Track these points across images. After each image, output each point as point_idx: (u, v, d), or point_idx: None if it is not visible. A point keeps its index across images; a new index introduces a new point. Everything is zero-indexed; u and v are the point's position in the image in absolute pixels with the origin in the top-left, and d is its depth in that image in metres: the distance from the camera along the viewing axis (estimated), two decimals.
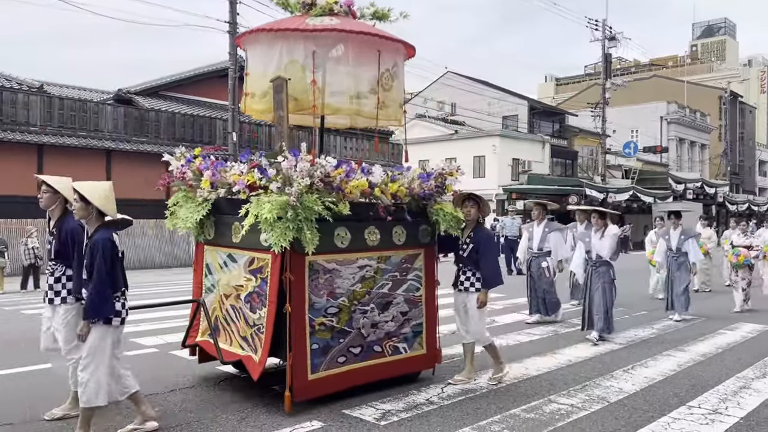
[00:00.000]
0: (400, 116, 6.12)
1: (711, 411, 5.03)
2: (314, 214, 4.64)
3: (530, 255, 9.43)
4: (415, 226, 5.56)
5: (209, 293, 5.56)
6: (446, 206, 5.61)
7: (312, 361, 4.86)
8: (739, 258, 10.59)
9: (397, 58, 5.93)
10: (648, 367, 6.48)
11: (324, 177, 4.73)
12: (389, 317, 5.40)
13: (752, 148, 65.23)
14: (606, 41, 37.08)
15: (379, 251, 5.31)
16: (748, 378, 6.07)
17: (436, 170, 5.65)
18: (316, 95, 5.45)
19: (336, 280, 5.03)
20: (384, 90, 5.71)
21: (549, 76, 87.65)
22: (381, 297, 5.34)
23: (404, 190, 5.28)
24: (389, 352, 5.41)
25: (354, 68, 5.63)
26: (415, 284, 5.62)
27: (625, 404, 5.20)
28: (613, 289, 7.80)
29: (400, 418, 4.77)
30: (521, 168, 36.94)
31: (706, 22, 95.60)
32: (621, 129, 44.62)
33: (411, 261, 5.58)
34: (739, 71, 73.57)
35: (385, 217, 5.09)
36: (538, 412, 4.97)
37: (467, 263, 5.71)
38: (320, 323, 4.92)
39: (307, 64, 5.45)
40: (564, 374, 6.19)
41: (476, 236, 5.68)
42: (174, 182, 5.46)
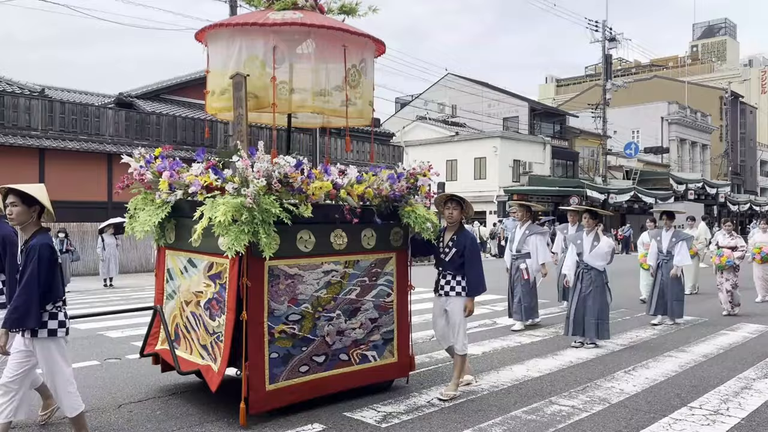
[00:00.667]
0: (370, 114, 5.91)
1: (712, 412, 5.03)
2: (272, 216, 4.42)
3: (511, 257, 9.19)
4: (386, 229, 5.36)
5: (170, 300, 5.35)
6: (419, 208, 5.38)
7: (271, 371, 4.64)
8: (722, 259, 10.29)
9: (365, 54, 5.68)
10: (649, 368, 6.48)
11: (283, 177, 4.53)
12: (357, 324, 5.17)
13: (753, 148, 65.16)
14: (606, 42, 37.13)
15: (347, 255, 5.08)
16: (750, 378, 6.07)
17: (407, 170, 5.42)
18: (277, 92, 5.23)
19: (299, 286, 4.79)
20: (351, 87, 5.48)
21: (549, 77, 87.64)
22: (348, 303, 5.11)
23: (371, 192, 5.09)
24: (357, 361, 5.18)
25: (318, 64, 5.38)
26: (386, 289, 5.38)
27: (626, 405, 5.20)
28: (607, 292, 7.52)
29: (401, 420, 4.77)
30: (522, 169, 36.94)
31: (707, 23, 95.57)
32: (622, 130, 44.62)
33: (381, 265, 5.34)
34: (739, 71, 73.53)
35: (351, 220, 4.87)
36: (539, 413, 4.97)
37: (449, 268, 5.43)
38: (281, 331, 4.70)
39: (267, 59, 5.22)
40: (565, 375, 6.19)
41: (459, 240, 5.41)
42: (133, 184, 5.22)
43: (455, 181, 35.98)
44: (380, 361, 5.35)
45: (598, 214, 7.71)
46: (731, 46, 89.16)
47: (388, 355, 5.41)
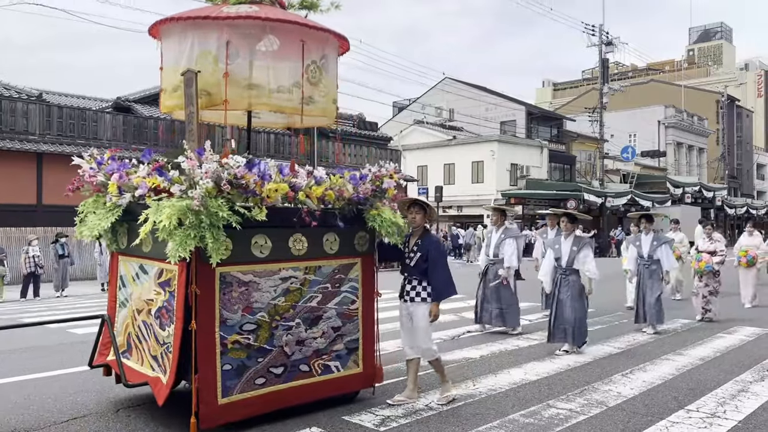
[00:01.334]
0: (334, 113, 5.70)
1: (709, 415, 5.05)
2: (221, 220, 4.18)
3: (487, 262, 8.97)
4: (351, 233, 5.13)
5: (123, 308, 5.13)
6: (385, 211, 5.15)
7: (223, 384, 4.39)
8: (701, 264, 9.90)
9: (326, 51, 5.45)
10: (646, 371, 6.50)
11: (234, 179, 4.31)
12: (318, 333, 4.92)
13: (750, 152, 65.39)
14: (603, 46, 37.26)
15: (307, 261, 4.84)
16: (747, 381, 6.09)
17: (372, 172, 5.20)
18: (232, 89, 5.00)
19: (254, 294, 4.55)
20: (310, 84, 5.24)
21: (546, 81, 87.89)
22: (309, 311, 4.87)
23: (332, 194, 4.85)
24: (318, 372, 4.93)
25: (273, 60, 5.14)
26: (351, 296, 5.14)
27: (623, 408, 5.21)
28: (584, 299, 7.38)
29: (399, 423, 4.78)
30: (519, 173, 37.02)
31: (703, 27, 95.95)
32: (619, 133, 44.76)
33: (345, 271, 5.11)
34: (736, 75, 73.81)
35: (310, 223, 4.64)
36: (536, 417, 4.98)
37: (414, 273, 5.29)
38: (234, 341, 4.45)
39: (220, 55, 4.99)
40: (563, 379, 6.20)
41: (424, 244, 5.28)
42: (83, 187, 4.98)
43: (453, 185, 36.05)
44: (344, 372, 5.10)
45: (577, 218, 7.54)
46: (727, 50, 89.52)
47: (353, 365, 5.17)
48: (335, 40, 5.56)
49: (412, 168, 35.62)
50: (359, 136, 29.78)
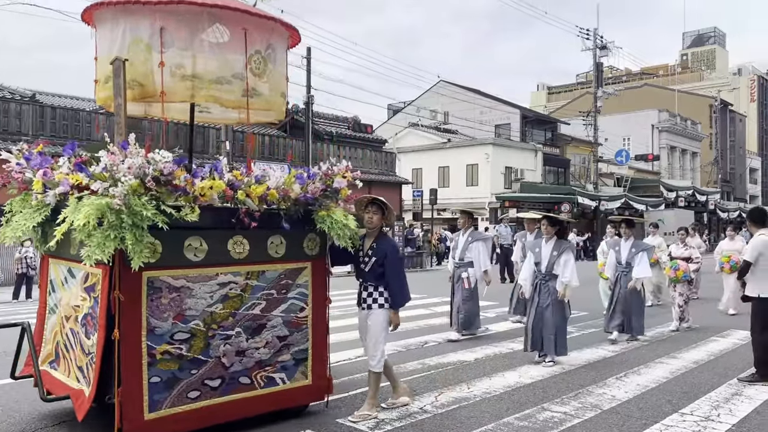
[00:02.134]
0: (282, 107, 5.45)
1: (703, 418, 5.05)
2: (145, 220, 3.86)
3: (454, 265, 8.80)
4: (299, 236, 4.80)
5: (52, 314, 4.82)
6: (336, 212, 4.82)
7: (150, 398, 4.06)
8: (678, 272, 9.37)
9: (272, 40, 5.15)
10: (641, 375, 6.50)
11: (160, 175, 3.99)
12: (261, 343, 4.59)
13: (743, 156, 65.74)
14: (597, 50, 37.42)
15: (249, 265, 4.51)
16: (740, 385, 6.10)
17: (322, 170, 4.88)
18: (166, 79, 4.67)
19: (187, 300, 4.22)
20: (254, 75, 4.94)
21: (541, 85, 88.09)
22: (251, 319, 4.54)
23: (275, 194, 4.54)
24: (261, 384, 4.61)
25: (212, 49, 4.84)
26: (299, 303, 4.81)
27: (618, 411, 5.21)
28: (566, 305, 7.06)
29: (393, 427, 4.76)
30: (514, 176, 37.08)
31: (696, 32, 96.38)
32: (613, 137, 44.92)
33: (293, 276, 4.77)
34: (729, 80, 74.18)
35: (249, 225, 4.34)
36: (531, 420, 4.97)
37: (369, 278, 4.99)
38: (164, 352, 4.13)
39: (153, 43, 4.67)
40: (557, 382, 6.20)
41: (379, 247, 4.97)
42: (10, 184, 4.63)
43: (447, 187, 36.07)
44: (290, 384, 4.77)
45: (558, 221, 7.25)
46: (720, 55, 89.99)
47: (301, 377, 4.83)
48: (284, 30, 5.26)
49: (406, 171, 35.62)
50: (354, 138, 29.77)
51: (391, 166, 30.15)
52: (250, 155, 21.75)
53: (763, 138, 73.68)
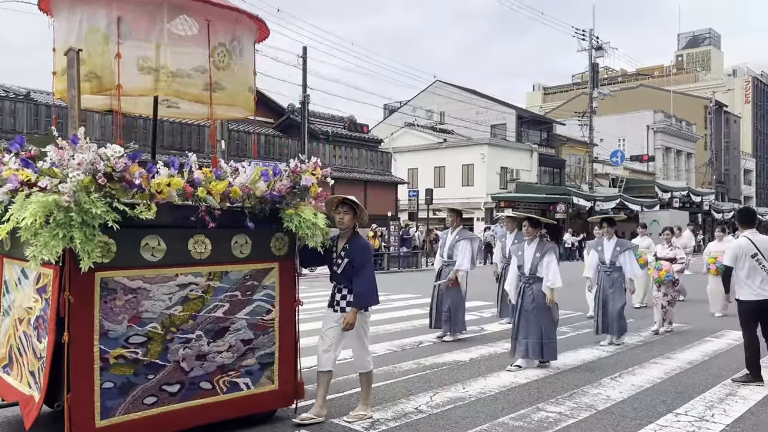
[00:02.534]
0: (250, 102, 5.25)
1: (698, 418, 5.07)
2: (96, 218, 3.67)
3: (441, 264, 8.68)
4: (266, 235, 4.61)
5: (6, 316, 4.60)
6: (305, 211, 4.63)
7: (103, 404, 3.86)
8: (661, 273, 9.21)
9: (237, 33, 4.97)
10: (635, 375, 6.52)
11: (113, 171, 3.78)
12: (224, 347, 4.40)
13: (737, 157, 66.02)
14: (593, 51, 37.51)
15: (211, 266, 4.32)
16: (734, 385, 6.11)
17: (290, 167, 4.68)
18: (124, 72, 4.47)
19: (143, 302, 4.03)
20: (218, 68, 4.77)
21: (537, 85, 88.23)
22: (213, 322, 4.34)
23: (238, 191, 4.35)
24: (224, 390, 4.42)
25: (172, 40, 4.64)
26: (265, 306, 4.61)
27: (612, 412, 5.22)
28: (554, 308, 6.76)
29: (388, 426, 4.76)
30: (509, 176, 37.14)
31: (692, 33, 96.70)
32: (608, 138, 45.04)
33: (259, 277, 4.57)
34: (724, 81, 74.47)
35: (208, 223, 4.13)
36: (526, 420, 4.98)
37: (343, 280, 4.85)
38: (118, 356, 3.94)
39: (110, 33, 4.45)
40: (552, 382, 6.21)
41: (352, 248, 4.82)
42: None
43: (443, 187, 36.10)
44: (255, 389, 4.58)
45: (540, 222, 7.04)
46: (715, 56, 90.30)
47: (266, 381, 4.64)
48: (251, 22, 5.11)
49: (402, 171, 35.63)
50: (350, 138, 29.76)
51: (386, 166, 30.14)
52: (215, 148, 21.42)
53: (757, 139, 74.04)
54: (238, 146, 24.07)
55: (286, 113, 29.02)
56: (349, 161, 28.16)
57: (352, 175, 27.77)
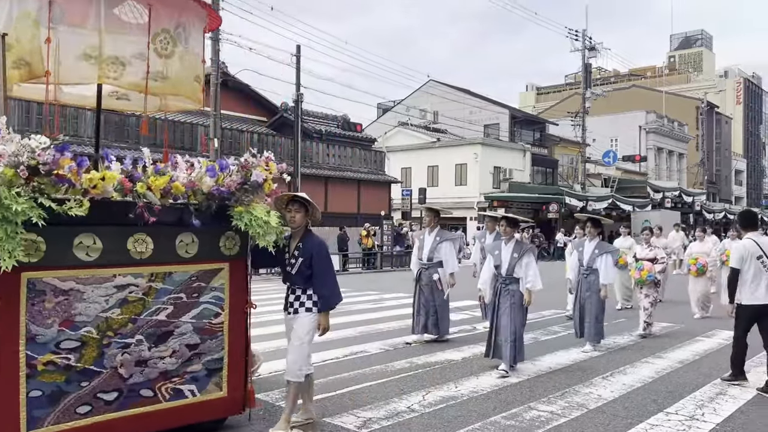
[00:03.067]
0: (197, 93, 4.98)
1: (688, 417, 5.10)
2: (19, 215, 3.42)
3: (420, 266, 8.33)
4: (215, 234, 4.36)
5: None
6: (256, 209, 4.39)
7: (29, 414, 3.61)
8: (642, 273, 8.95)
9: (182, 19, 4.72)
10: (626, 374, 6.55)
11: (40, 165, 3.51)
12: (167, 352, 4.14)
13: (728, 158, 66.43)
14: (586, 51, 37.62)
15: (153, 266, 4.05)
16: (724, 384, 6.15)
17: (239, 162, 4.44)
18: (55, 58, 4.23)
19: (76, 305, 3.77)
20: (160, 56, 4.53)
21: (530, 85, 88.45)
22: (155, 326, 4.08)
23: (180, 186, 4.10)
24: (167, 397, 4.17)
25: (109, 25, 4.36)
26: (213, 309, 4.36)
27: (603, 411, 5.25)
28: (523, 310, 6.68)
29: (381, 426, 4.77)
30: (502, 176, 37.22)
31: (684, 34, 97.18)
32: (601, 138, 45.21)
33: (207, 279, 4.32)
34: (715, 82, 74.89)
35: (147, 220, 3.91)
36: (518, 419, 4.99)
37: (297, 281, 4.63)
38: (47, 362, 3.67)
39: (41, 17, 4.22)
40: (544, 381, 6.23)
41: (306, 247, 4.61)
42: None
43: (436, 187, 36.14)
44: (202, 397, 4.33)
45: (517, 222, 6.88)
46: (707, 57, 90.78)
47: (214, 388, 4.39)
48: (200, 9, 4.92)
49: (395, 170, 35.64)
50: (343, 137, 29.74)
51: (380, 165, 30.14)
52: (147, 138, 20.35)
53: (748, 140, 74.54)
54: (231, 144, 24.01)
55: (279, 112, 28.98)
56: (342, 160, 28.14)
57: (345, 174, 27.76)
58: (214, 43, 20.02)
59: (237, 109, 27.62)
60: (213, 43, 20.06)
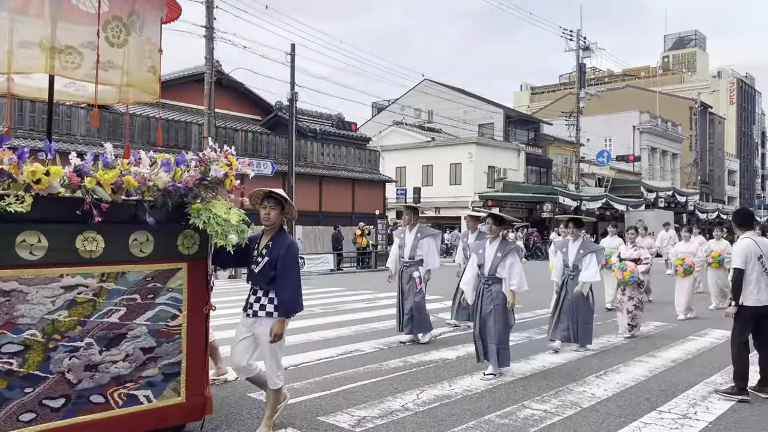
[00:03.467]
0: (153, 85, 4.78)
1: (681, 416, 5.12)
2: None
3: (401, 264, 8.21)
4: (172, 233, 4.15)
5: None
6: (216, 206, 4.17)
7: None
8: (625, 274, 8.71)
9: (137, 6, 4.54)
10: (620, 373, 6.57)
11: None
12: (120, 356, 3.94)
13: (721, 158, 66.76)
14: (580, 51, 37.68)
15: (104, 266, 3.85)
16: (717, 383, 6.18)
17: (198, 156, 4.23)
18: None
19: (19, 306, 3.59)
20: (111, 45, 4.33)
21: (524, 85, 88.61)
22: (106, 328, 3.88)
23: (132, 181, 3.88)
24: (119, 403, 3.95)
25: (55, 12, 4.18)
26: (170, 310, 4.15)
27: (597, 410, 5.26)
28: (510, 312, 6.38)
29: (375, 424, 4.77)
30: (497, 176, 37.29)
31: (678, 34, 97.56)
32: (595, 138, 45.37)
33: (163, 279, 4.12)
34: (709, 83, 75.21)
35: (94, 217, 3.70)
36: (512, 417, 5.00)
37: (260, 281, 4.39)
38: None
39: None
40: (538, 380, 6.25)
41: (275, 247, 4.36)
42: None
43: (431, 186, 36.19)
44: (158, 403, 4.12)
45: (504, 220, 6.63)
46: (701, 58, 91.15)
47: (171, 394, 4.18)
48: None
49: (390, 169, 35.64)
50: (338, 136, 29.72)
51: (374, 164, 30.13)
52: (95, 129, 19.65)
53: (741, 140, 74.91)
54: (225, 143, 23.90)
55: (274, 110, 28.94)
56: (337, 159, 28.12)
57: (339, 173, 27.75)
58: (208, 42, 19.96)
59: (231, 107, 27.57)
60: (207, 41, 20.01)
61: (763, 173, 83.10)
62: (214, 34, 20.00)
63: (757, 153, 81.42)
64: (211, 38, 19.92)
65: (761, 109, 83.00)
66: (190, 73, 25.44)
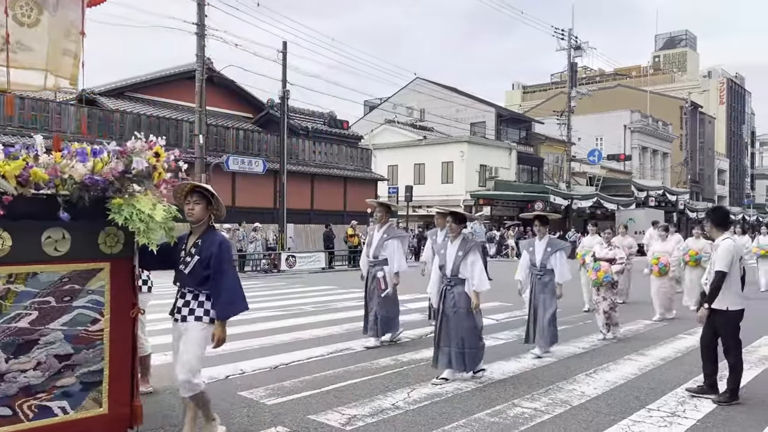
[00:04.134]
0: (69, 69, 4.47)
1: (669, 414, 5.15)
2: None
3: (368, 264, 7.95)
4: (92, 230, 3.81)
5: None
6: (140, 201, 3.82)
7: None
8: (599, 274, 8.51)
9: None
10: (609, 371, 6.60)
11: None
12: (30, 364, 3.61)
13: (711, 157, 67.19)
14: (572, 50, 37.82)
15: (11, 266, 3.53)
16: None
17: (119, 147, 3.90)
18: None
19: None
20: (21, 25, 4.08)
21: (516, 84, 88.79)
22: (14, 334, 3.56)
23: (41, 173, 3.55)
24: (30, 416, 3.61)
25: None
26: (90, 314, 3.82)
27: (587, 408, 5.28)
28: (477, 313, 6.06)
29: (365, 423, 4.77)
30: (488, 174, 37.38)
31: (668, 34, 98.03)
32: (586, 137, 45.52)
33: (82, 280, 3.79)
34: (699, 82, 75.65)
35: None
36: (502, 416, 5.02)
37: (189, 283, 4.07)
38: None
39: None
40: (528, 378, 6.26)
41: (205, 245, 4.06)
42: None
43: (423, 184, 36.22)
44: (76, 414, 3.77)
45: (465, 218, 6.38)
46: (691, 57, 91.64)
47: (92, 404, 3.83)
48: None
49: (382, 167, 35.64)
50: (330, 134, 29.68)
51: (366, 163, 30.13)
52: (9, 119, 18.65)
53: (731, 140, 75.41)
54: (216, 141, 23.87)
55: (265, 108, 28.86)
56: (328, 157, 28.09)
57: (331, 171, 27.72)
58: (199, 39, 19.88)
59: (222, 105, 27.48)
60: (198, 38, 19.92)
61: (752, 173, 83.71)
62: (205, 32, 19.92)
63: (747, 152, 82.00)
64: (202, 35, 19.84)
65: (751, 108, 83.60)
66: (182, 70, 25.33)
